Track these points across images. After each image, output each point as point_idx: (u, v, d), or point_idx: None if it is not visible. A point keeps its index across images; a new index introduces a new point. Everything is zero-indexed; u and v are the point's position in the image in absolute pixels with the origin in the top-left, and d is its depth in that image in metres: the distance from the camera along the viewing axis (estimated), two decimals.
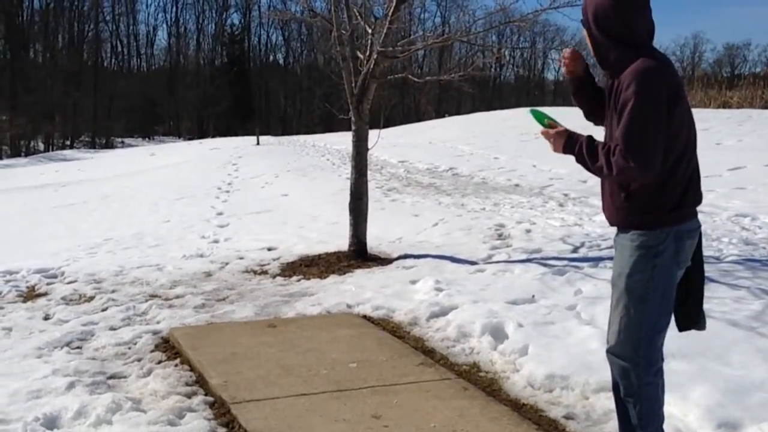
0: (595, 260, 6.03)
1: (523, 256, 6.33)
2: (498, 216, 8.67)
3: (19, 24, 56.70)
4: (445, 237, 7.57)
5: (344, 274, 6.13)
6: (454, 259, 6.36)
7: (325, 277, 6.06)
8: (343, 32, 6.62)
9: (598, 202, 9.70)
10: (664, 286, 2.57)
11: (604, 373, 3.53)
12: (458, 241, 7.29)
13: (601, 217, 6.54)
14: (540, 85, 74.57)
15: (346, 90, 6.71)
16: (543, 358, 3.83)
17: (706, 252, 6.54)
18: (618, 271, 2.62)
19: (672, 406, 3.17)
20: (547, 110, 2.94)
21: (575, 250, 6.54)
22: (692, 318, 2.73)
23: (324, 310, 5.04)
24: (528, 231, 7.49)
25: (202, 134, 55.24)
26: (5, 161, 38.68)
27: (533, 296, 5.02)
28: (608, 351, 2.68)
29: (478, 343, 4.23)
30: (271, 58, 70.79)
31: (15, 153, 46.25)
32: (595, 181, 11.59)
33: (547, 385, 3.58)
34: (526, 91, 70.23)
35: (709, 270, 5.70)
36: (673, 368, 3.59)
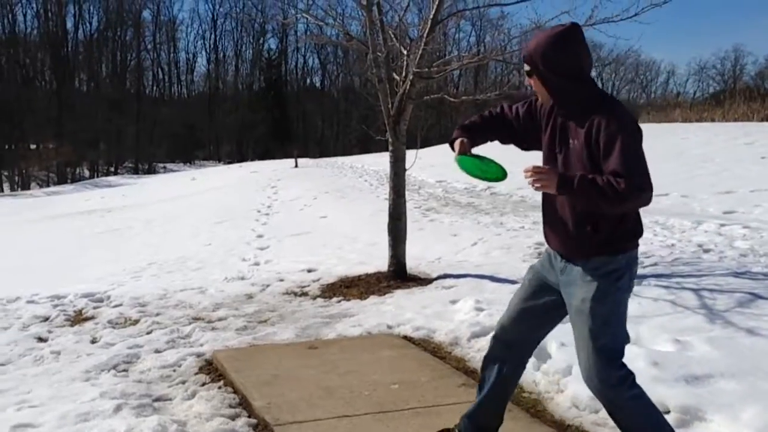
0: (639, 278, 5.92)
1: None
2: (538, 234, 8.59)
3: (64, 55, 58.36)
4: (484, 256, 7.54)
5: (384, 294, 6.13)
6: (495, 279, 6.32)
7: (365, 298, 6.07)
8: (379, 54, 6.68)
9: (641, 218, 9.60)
10: (624, 307, 2.72)
11: (651, 393, 3.47)
12: (498, 260, 7.25)
13: (645, 234, 6.26)
14: None
15: (382, 111, 6.76)
16: None
17: (754, 268, 6.38)
18: (581, 299, 2.65)
19: (722, 427, 3.09)
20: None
21: None
22: None
23: (365, 331, 5.05)
24: None
25: (241, 158, 55.98)
26: (52, 188, 39.71)
27: None
28: (586, 382, 2.69)
29: None
30: (308, 81, 71.64)
31: (62, 180, 47.46)
32: None
33: (592, 406, 3.52)
34: None
35: (756, 287, 5.58)
36: (722, 388, 3.51)
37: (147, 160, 58.08)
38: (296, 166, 25.54)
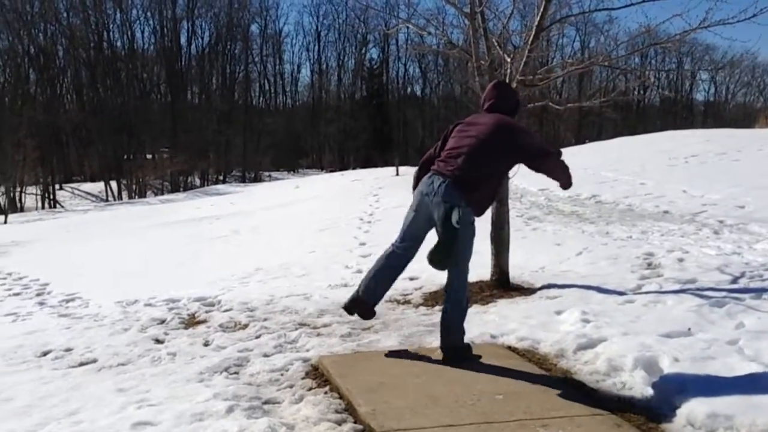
0: (758, 291, 5.63)
1: (676, 287, 6.03)
2: (646, 244, 8.31)
3: (178, 69, 61.28)
4: (590, 266, 7.34)
5: (487, 304, 6.09)
6: (601, 290, 6.15)
7: (468, 307, 6.02)
8: (482, 63, 6.66)
9: (758, 228, 9.11)
10: None
11: None
12: (604, 270, 7.05)
13: (763, 245, 6.00)
14: (688, 107, 70.98)
15: None
16: (703, 395, 3.61)
17: None
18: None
19: None
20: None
21: (735, 280, 6.14)
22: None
23: (468, 340, 4.99)
24: (680, 260, 7.13)
25: (343, 166, 57.00)
26: (166, 196, 41.73)
27: (689, 329, 4.76)
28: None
29: (630, 377, 4.06)
30: (409, 90, 72.19)
31: (175, 188, 49.86)
32: (755, 206, 10.86)
33: (708, 425, 3.37)
34: (672, 113, 67.10)
35: None
36: None
37: (253, 169, 60.13)
38: (397, 174, 25.73)
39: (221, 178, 58.00)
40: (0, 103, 54.70)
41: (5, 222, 32.30)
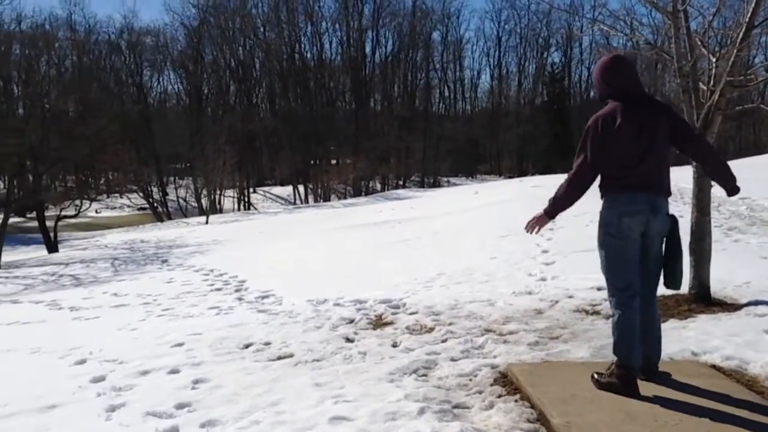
0: None
1: None
2: None
3: (362, 78, 63.58)
4: None
5: (685, 318, 5.73)
6: None
7: (664, 321, 5.66)
8: (684, 63, 6.28)
9: None
10: (610, 252, 4.37)
11: None
12: None
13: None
14: None
15: None
16: None
17: None
18: None
19: None
20: None
21: None
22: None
23: (666, 356, 4.73)
24: None
25: (521, 172, 56.21)
26: (349, 200, 43.39)
27: None
28: None
29: None
30: (591, 94, 69.64)
31: (356, 192, 51.73)
32: None
33: None
34: None
35: None
36: None
37: (432, 174, 60.90)
38: None
39: (401, 182, 59.32)
40: (204, 113, 59.74)
41: (207, 222, 35.16)
